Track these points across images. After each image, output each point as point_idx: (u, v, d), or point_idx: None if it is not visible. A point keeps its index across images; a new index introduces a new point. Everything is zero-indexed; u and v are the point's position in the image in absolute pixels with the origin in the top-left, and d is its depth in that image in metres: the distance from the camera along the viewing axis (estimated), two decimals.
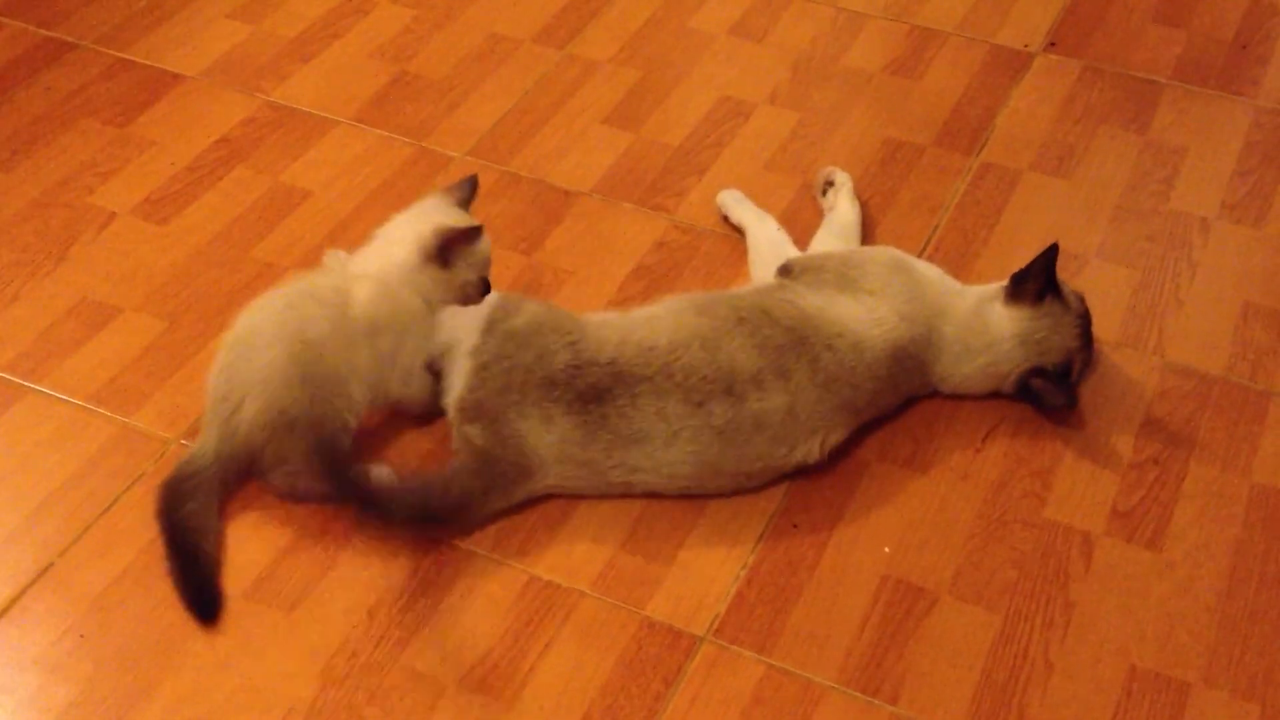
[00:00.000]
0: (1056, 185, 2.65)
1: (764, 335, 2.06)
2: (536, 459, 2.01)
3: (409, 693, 1.84)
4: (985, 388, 2.20)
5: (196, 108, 2.75)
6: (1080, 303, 2.22)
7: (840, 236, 2.41)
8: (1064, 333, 2.17)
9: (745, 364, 2.03)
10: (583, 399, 2.00)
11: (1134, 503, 2.11)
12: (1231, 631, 1.95)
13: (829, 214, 2.48)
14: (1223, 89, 2.89)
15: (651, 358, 2.03)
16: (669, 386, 2.01)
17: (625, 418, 2.00)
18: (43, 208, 2.51)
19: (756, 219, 2.45)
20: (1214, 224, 2.58)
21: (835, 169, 2.55)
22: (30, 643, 1.88)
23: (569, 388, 2.00)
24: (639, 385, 2.01)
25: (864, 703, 1.86)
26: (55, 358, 2.25)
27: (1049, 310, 2.17)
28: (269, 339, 1.98)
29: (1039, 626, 1.95)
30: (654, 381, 2.01)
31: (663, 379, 2.01)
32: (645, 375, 2.01)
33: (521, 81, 2.85)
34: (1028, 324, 2.16)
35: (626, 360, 2.02)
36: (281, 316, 2.00)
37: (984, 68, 2.92)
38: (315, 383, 1.95)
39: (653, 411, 2.01)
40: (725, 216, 2.50)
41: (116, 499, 2.05)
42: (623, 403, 2.00)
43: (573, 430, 2.00)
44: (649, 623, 1.93)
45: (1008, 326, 2.16)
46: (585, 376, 2.01)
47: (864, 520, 2.07)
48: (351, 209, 2.53)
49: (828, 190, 2.53)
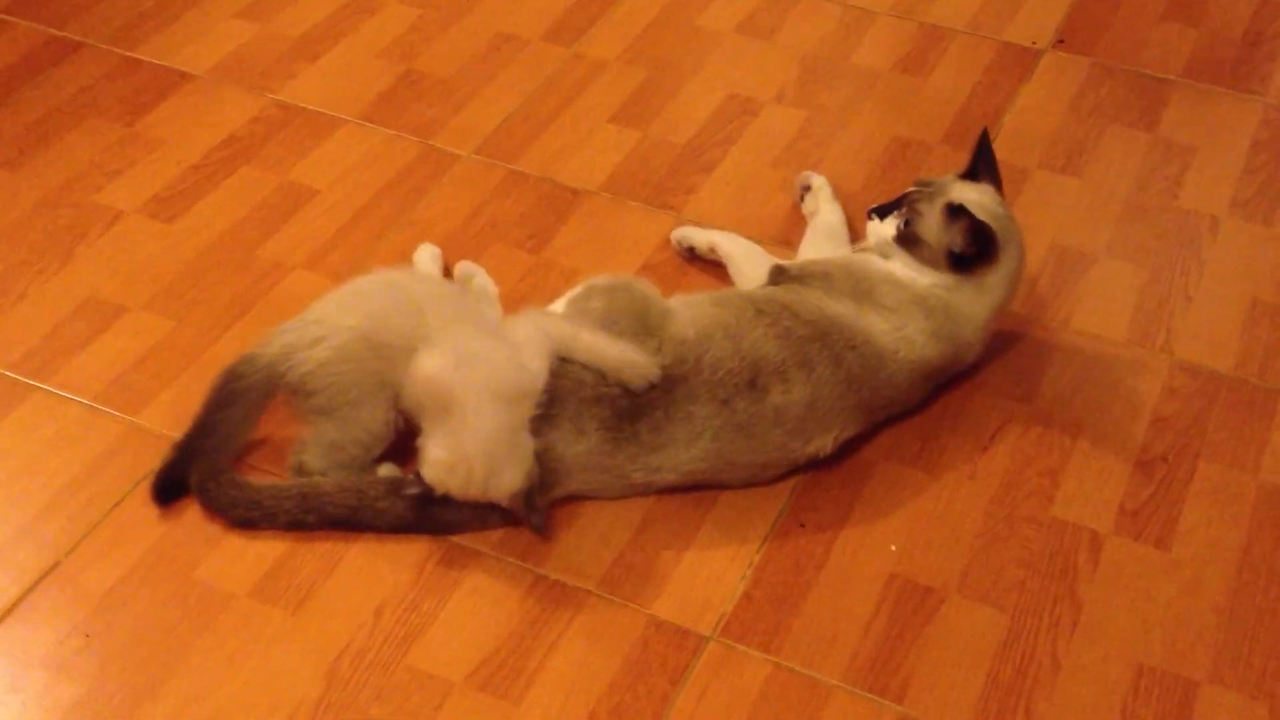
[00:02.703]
0: (1065, 183, 2.64)
1: (785, 326, 2.05)
2: (562, 468, 1.99)
3: (415, 692, 1.84)
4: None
5: (204, 106, 2.75)
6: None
7: (830, 239, 2.40)
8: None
9: (769, 353, 2.02)
10: (619, 416, 1.99)
11: (1142, 501, 2.10)
12: (1240, 630, 1.94)
13: (813, 219, 2.47)
14: (1232, 86, 2.88)
15: (684, 351, 2.02)
16: (699, 385, 1.99)
17: (656, 430, 2.00)
18: (50, 206, 2.52)
19: (722, 235, 2.42)
20: (1223, 222, 2.57)
21: (810, 173, 2.54)
22: (37, 641, 1.88)
23: (612, 406, 1.98)
24: (676, 390, 1.99)
25: (871, 702, 1.85)
26: (62, 356, 2.25)
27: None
28: (377, 305, 2.01)
29: (1046, 625, 1.94)
30: (688, 382, 2.00)
31: (694, 376, 2.00)
32: (681, 375, 2.00)
33: (529, 80, 2.85)
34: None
35: (666, 361, 2.00)
36: (404, 293, 2.03)
37: (992, 65, 2.92)
38: (377, 369, 1.97)
39: (681, 417, 2.00)
40: (690, 249, 2.44)
41: (123, 498, 2.05)
42: (658, 415, 1.99)
43: (602, 443, 1.99)
44: (655, 622, 1.93)
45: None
46: (635, 395, 1.99)
47: (871, 519, 2.06)
48: (359, 208, 2.53)
49: (805, 195, 2.52)
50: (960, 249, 2.11)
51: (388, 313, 2.01)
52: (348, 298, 2.07)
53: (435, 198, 2.56)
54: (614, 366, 1.98)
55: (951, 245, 2.11)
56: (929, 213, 2.13)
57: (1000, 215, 2.16)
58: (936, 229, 2.12)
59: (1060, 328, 2.35)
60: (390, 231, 2.48)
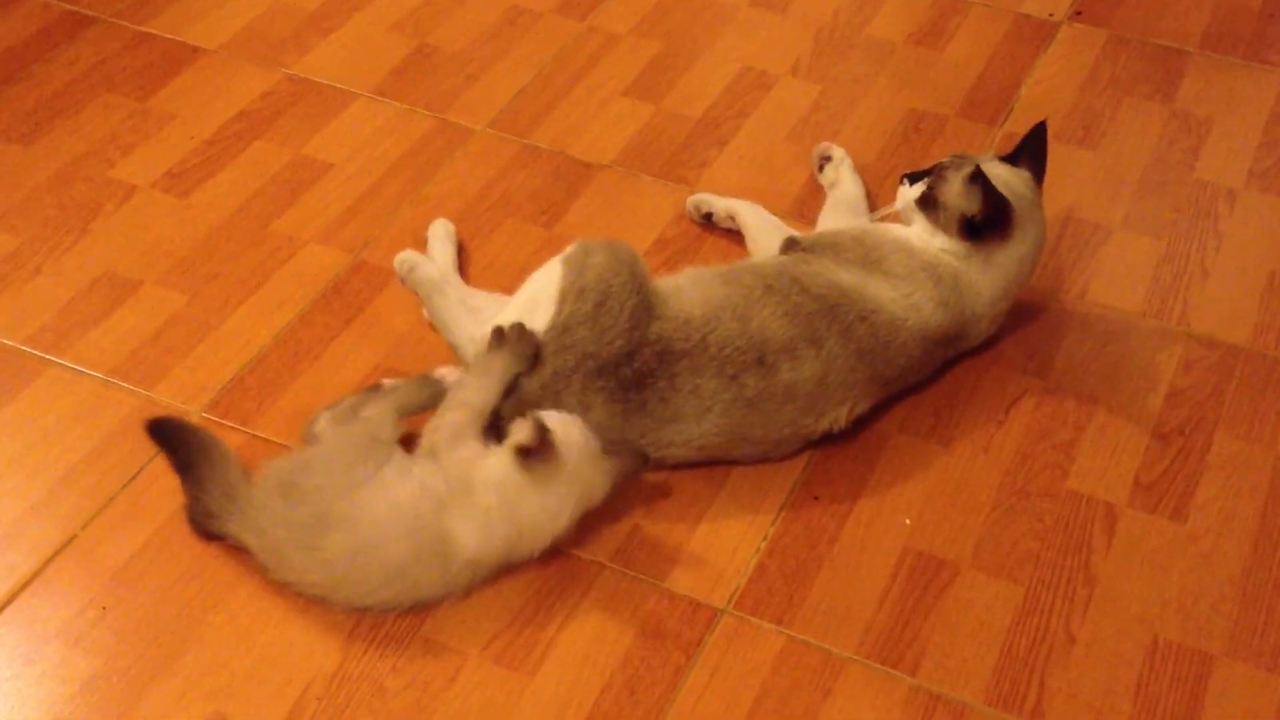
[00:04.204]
0: (1082, 155, 2.63)
1: (794, 303, 2.04)
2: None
3: (430, 664, 1.84)
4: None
5: (217, 81, 2.75)
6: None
7: (851, 211, 2.40)
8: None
9: (777, 333, 2.01)
10: (624, 387, 1.98)
11: (1157, 474, 2.09)
12: (1255, 603, 1.94)
13: (832, 190, 2.47)
14: (1250, 58, 2.86)
15: (689, 330, 2.01)
16: (704, 361, 1.99)
17: (663, 401, 1.99)
18: (64, 182, 2.52)
19: (743, 204, 2.42)
20: (1240, 194, 2.55)
21: (830, 144, 2.54)
22: (53, 615, 1.89)
23: (614, 376, 1.97)
24: (678, 363, 1.98)
25: (885, 674, 1.85)
26: (77, 331, 2.25)
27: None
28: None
29: (1061, 598, 1.94)
30: (692, 358, 1.99)
31: (699, 353, 1.99)
32: (684, 350, 1.99)
33: (542, 54, 2.84)
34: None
35: (668, 335, 2.00)
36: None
37: (1008, 37, 2.90)
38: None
39: (689, 390, 1.99)
40: (708, 215, 2.43)
41: (138, 472, 2.05)
42: (661, 384, 1.98)
43: (609, 417, 1.97)
44: (669, 595, 1.93)
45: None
46: (633, 362, 1.98)
47: (885, 492, 2.06)
48: (372, 182, 2.53)
49: (825, 166, 2.52)
50: (972, 214, 2.10)
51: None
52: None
53: (448, 172, 2.55)
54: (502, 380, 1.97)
55: (965, 210, 2.11)
56: (954, 180, 2.13)
57: (1023, 196, 2.15)
58: (955, 194, 2.12)
59: (1076, 300, 2.34)
60: (403, 206, 2.47)
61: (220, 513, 1.91)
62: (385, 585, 1.85)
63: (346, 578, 1.85)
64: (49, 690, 1.82)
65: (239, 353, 2.22)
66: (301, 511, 1.85)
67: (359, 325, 2.27)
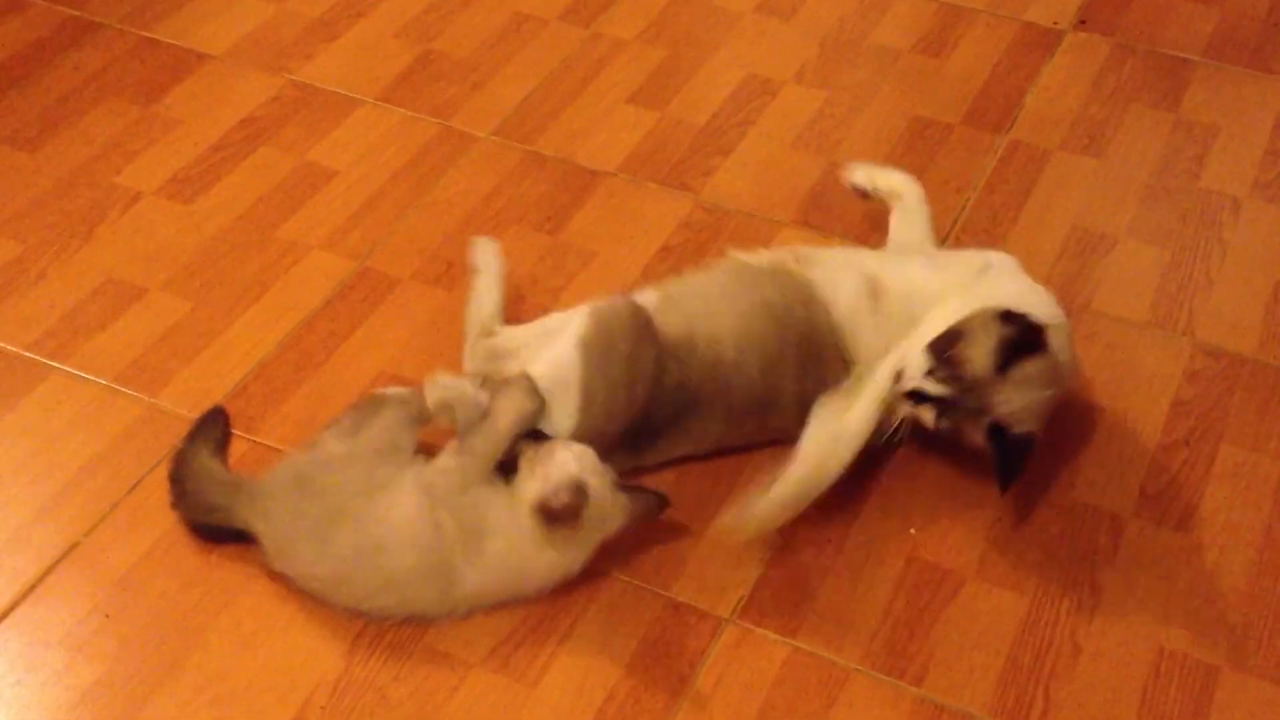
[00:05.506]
0: (1086, 164, 2.63)
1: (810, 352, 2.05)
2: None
3: (433, 673, 1.84)
4: None
5: (222, 87, 2.75)
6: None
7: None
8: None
9: (789, 389, 2.02)
10: (637, 436, 1.99)
11: (1163, 485, 2.09)
12: (1261, 614, 1.93)
13: (897, 204, 2.33)
14: (1255, 67, 2.86)
15: (717, 372, 2.00)
16: (720, 408, 2.02)
17: (673, 442, 2.03)
18: (69, 187, 2.52)
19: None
20: (1245, 203, 2.55)
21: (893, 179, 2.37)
22: (55, 622, 1.89)
23: (628, 429, 1.98)
24: (692, 413, 2.01)
25: (889, 685, 1.85)
26: (81, 337, 2.25)
27: None
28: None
29: (1066, 609, 1.93)
30: (711, 404, 2.01)
31: (719, 400, 2.01)
32: (704, 398, 2.00)
33: (547, 60, 2.84)
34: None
35: (693, 381, 1.99)
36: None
37: (1013, 45, 2.90)
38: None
39: (698, 432, 2.03)
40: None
41: (142, 478, 2.05)
42: (673, 431, 2.01)
43: (623, 460, 1.98)
44: (673, 604, 1.92)
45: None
46: (649, 417, 1.99)
47: (890, 502, 2.06)
48: (376, 188, 2.52)
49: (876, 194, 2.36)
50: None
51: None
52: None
53: (453, 179, 2.55)
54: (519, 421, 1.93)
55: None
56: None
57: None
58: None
59: (1081, 310, 2.34)
60: (408, 213, 2.47)
61: (224, 504, 1.92)
62: (385, 591, 1.85)
63: (349, 576, 1.85)
64: (52, 697, 1.81)
65: (243, 359, 2.22)
66: (316, 505, 1.86)
67: (363, 332, 2.27)
